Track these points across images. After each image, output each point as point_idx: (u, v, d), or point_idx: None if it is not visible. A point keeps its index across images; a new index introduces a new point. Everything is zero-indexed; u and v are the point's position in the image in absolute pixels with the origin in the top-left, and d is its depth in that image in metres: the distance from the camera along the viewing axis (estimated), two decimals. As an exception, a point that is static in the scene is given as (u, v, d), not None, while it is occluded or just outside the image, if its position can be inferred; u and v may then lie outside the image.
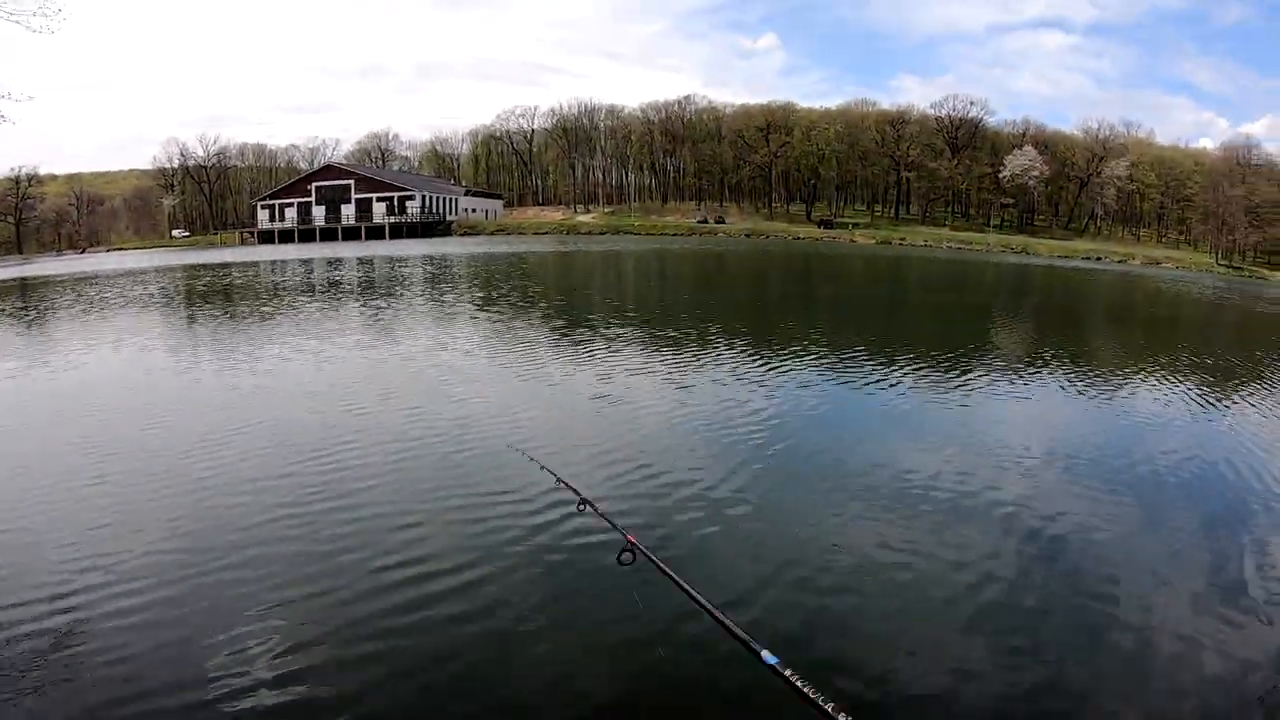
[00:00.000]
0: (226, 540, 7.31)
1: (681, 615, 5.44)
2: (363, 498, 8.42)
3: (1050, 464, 10.47)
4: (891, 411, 13.28)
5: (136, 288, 36.98)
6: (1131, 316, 35.10)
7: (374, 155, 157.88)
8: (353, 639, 5.73)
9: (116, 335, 20.85)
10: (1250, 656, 5.92)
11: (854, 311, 30.56)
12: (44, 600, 6.21)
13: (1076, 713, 5.25)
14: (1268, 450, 11.55)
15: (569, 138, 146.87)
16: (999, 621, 6.33)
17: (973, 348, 20.44)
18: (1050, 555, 7.59)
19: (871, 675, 5.40)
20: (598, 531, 6.63)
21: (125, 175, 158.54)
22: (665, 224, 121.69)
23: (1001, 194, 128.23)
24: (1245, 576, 7.20)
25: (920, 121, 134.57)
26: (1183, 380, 16.74)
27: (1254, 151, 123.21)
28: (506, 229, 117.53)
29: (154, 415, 12.17)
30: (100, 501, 8.32)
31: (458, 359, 16.85)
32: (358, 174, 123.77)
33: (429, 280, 38.68)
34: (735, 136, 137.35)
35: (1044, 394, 14.99)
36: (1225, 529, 8.39)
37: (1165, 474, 10.21)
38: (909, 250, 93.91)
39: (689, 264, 56.86)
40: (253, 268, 50.94)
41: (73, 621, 5.91)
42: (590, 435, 10.88)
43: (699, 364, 16.22)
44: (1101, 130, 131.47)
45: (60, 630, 5.79)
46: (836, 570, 6.82)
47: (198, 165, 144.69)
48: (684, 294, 35.93)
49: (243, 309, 27.74)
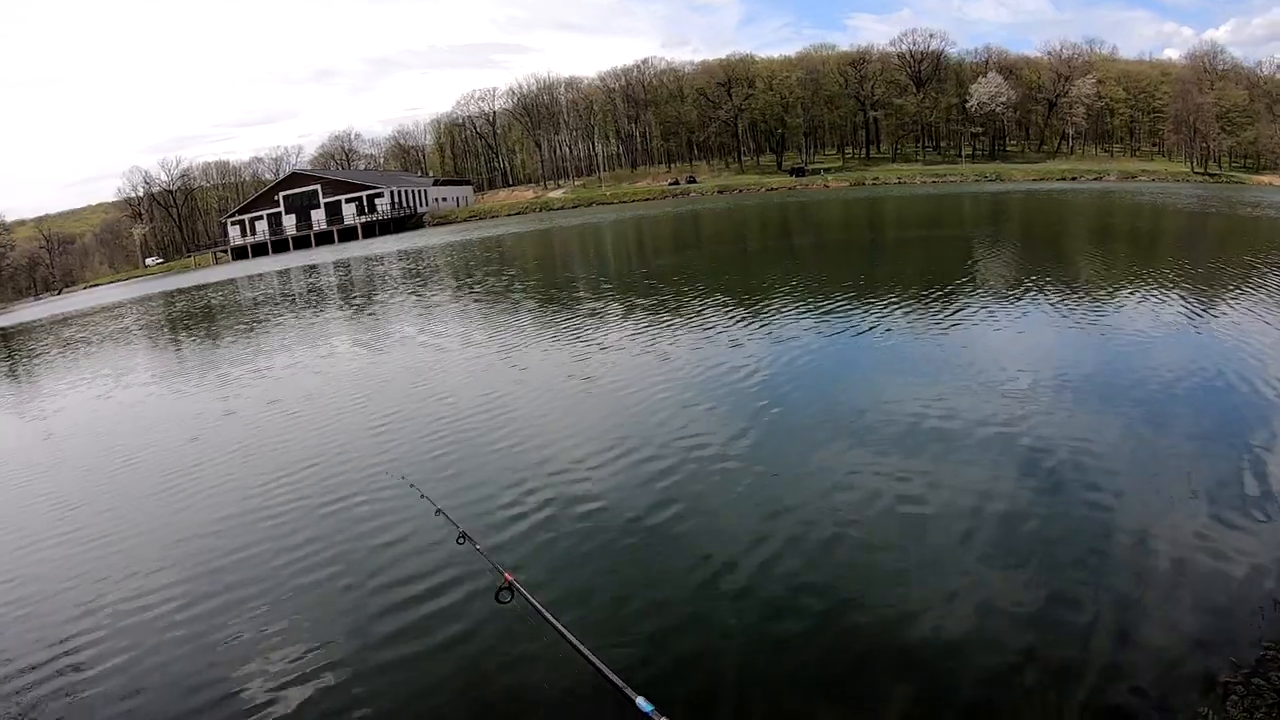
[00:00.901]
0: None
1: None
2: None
3: (1044, 389, 10.46)
4: (878, 356, 12.92)
5: (110, 323, 36.66)
6: (1113, 234, 34.62)
7: (338, 157, 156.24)
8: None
9: (92, 375, 20.80)
10: (1255, 560, 6.02)
11: (831, 261, 29.91)
12: (43, 645, 6.41)
13: (1089, 632, 5.31)
14: (1259, 356, 11.53)
15: (531, 115, 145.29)
16: (1002, 552, 6.40)
17: (957, 282, 19.85)
18: (1050, 479, 7.64)
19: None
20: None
21: (93, 210, 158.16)
22: (637, 191, 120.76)
23: (971, 123, 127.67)
24: (1245, 482, 7.29)
25: (882, 60, 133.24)
26: (1170, 293, 16.57)
27: (1220, 57, 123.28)
28: (479, 214, 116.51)
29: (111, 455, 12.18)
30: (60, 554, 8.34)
31: (414, 361, 16.49)
32: (324, 178, 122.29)
33: (402, 278, 38.50)
34: (698, 95, 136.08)
35: (1033, 320, 14.74)
36: (1223, 437, 8.47)
37: (1159, 388, 10.27)
38: (884, 190, 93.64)
39: (665, 227, 56.24)
40: (227, 287, 50.81)
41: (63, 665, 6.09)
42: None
43: (657, 351, 15.68)
44: (1065, 50, 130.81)
45: (53, 675, 5.98)
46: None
47: (163, 190, 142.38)
48: (659, 261, 35.16)
49: (210, 333, 28.07)
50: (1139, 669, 4.93)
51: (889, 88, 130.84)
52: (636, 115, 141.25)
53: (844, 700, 4.97)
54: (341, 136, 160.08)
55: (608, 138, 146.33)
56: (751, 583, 6.24)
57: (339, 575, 6.97)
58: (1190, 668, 4.91)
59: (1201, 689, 4.72)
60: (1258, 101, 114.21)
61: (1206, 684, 4.75)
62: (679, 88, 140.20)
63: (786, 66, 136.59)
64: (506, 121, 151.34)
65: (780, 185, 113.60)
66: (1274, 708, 4.51)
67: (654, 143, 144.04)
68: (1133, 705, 4.68)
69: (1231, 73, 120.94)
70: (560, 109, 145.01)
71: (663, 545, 6.98)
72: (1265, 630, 5.16)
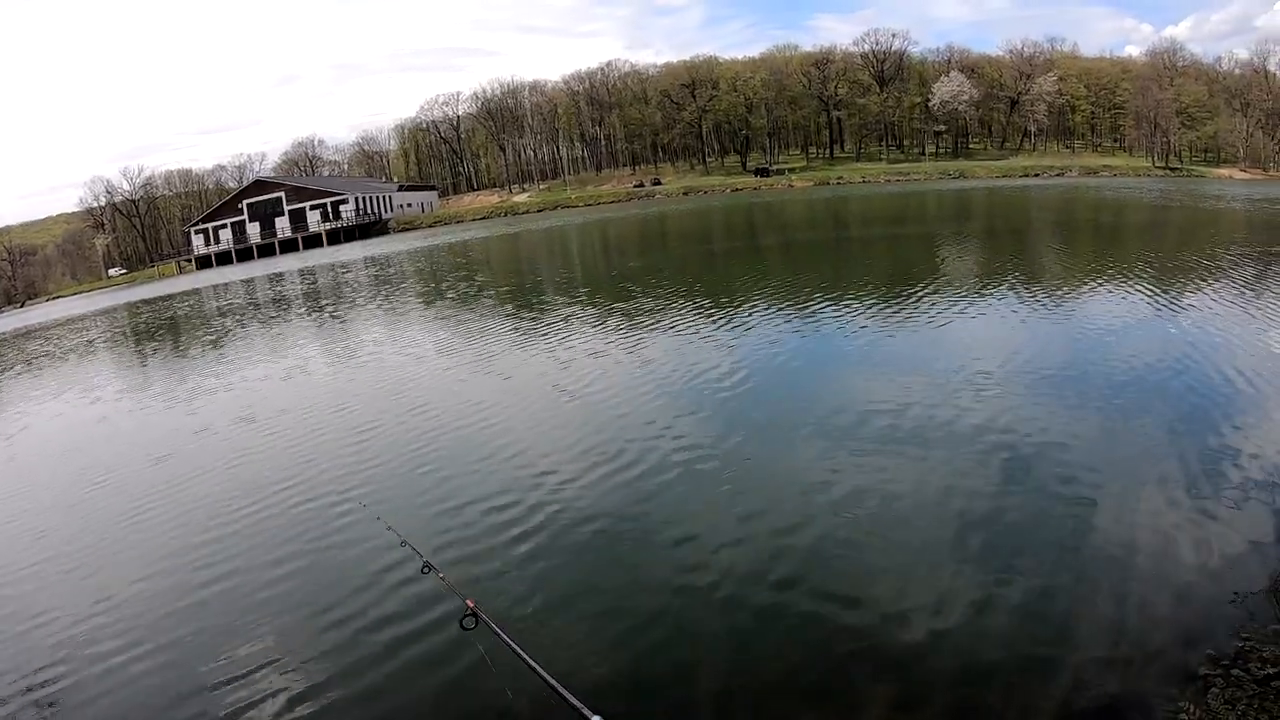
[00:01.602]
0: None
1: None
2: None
3: (1015, 384, 10.49)
4: (848, 355, 12.91)
5: (74, 336, 36.14)
6: (1078, 228, 34.98)
7: (302, 164, 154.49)
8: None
9: (56, 391, 20.50)
10: (1230, 551, 6.02)
11: (799, 260, 29.98)
12: (14, 676, 6.29)
13: (1067, 627, 5.31)
14: (1227, 344, 11.68)
15: (495, 119, 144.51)
16: (976, 547, 6.41)
17: (925, 279, 19.92)
18: (1024, 474, 7.63)
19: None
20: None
21: (55, 221, 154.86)
22: (602, 193, 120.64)
23: (934, 122, 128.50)
24: (1219, 473, 7.29)
25: (845, 60, 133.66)
26: (1136, 285, 16.74)
27: (1180, 53, 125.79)
28: (444, 220, 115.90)
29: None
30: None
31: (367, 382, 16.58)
32: (288, 185, 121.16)
33: (371, 286, 38.32)
34: (662, 97, 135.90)
35: (1001, 316, 14.79)
36: (1195, 428, 8.51)
37: (1130, 380, 10.33)
38: (848, 189, 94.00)
39: (632, 229, 56.22)
40: (191, 298, 50.32)
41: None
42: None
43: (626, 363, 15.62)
44: (1026, 49, 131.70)
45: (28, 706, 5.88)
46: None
47: (126, 200, 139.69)
48: (627, 264, 35.13)
49: (177, 346, 28.05)
50: (1118, 664, 4.89)
51: (852, 87, 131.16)
52: (601, 118, 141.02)
53: (821, 705, 4.89)
54: (305, 143, 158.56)
55: (572, 141, 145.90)
56: (725, 589, 6.17)
57: (305, 605, 6.81)
58: (1169, 661, 4.88)
59: (1181, 682, 4.69)
60: (1217, 96, 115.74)
61: (1186, 677, 4.72)
62: (643, 90, 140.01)
63: (750, 67, 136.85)
64: (471, 126, 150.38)
65: (745, 186, 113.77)
66: (1254, 699, 4.47)
67: (618, 145, 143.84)
68: (1113, 700, 4.64)
69: (1191, 68, 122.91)
70: (524, 112, 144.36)
71: (634, 553, 6.90)
72: (1243, 621, 5.14)
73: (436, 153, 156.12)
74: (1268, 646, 4.86)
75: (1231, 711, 4.40)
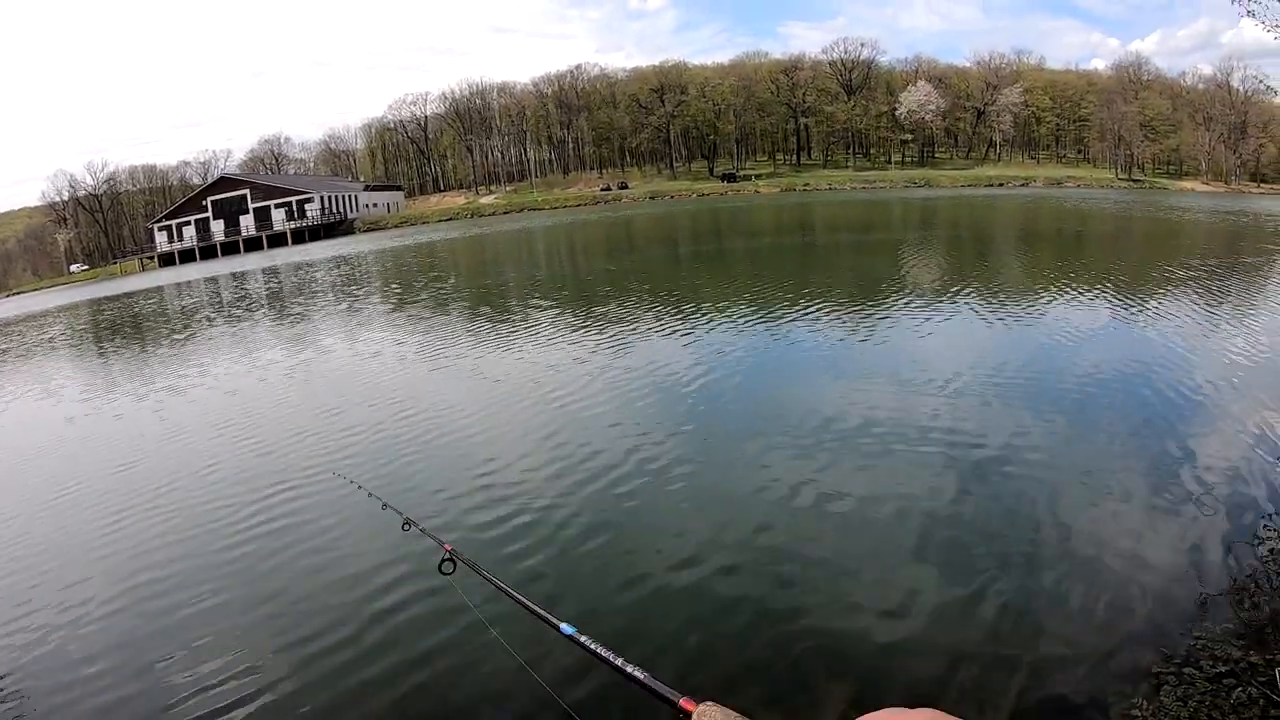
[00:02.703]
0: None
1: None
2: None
3: (975, 389, 10.54)
4: (813, 360, 12.96)
5: (35, 333, 35.41)
6: (1041, 237, 35.37)
7: (267, 162, 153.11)
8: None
9: (19, 392, 19.75)
10: (1183, 553, 6.11)
11: (765, 265, 29.93)
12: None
13: (1021, 628, 5.33)
14: (1184, 352, 11.91)
15: (463, 120, 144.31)
16: (934, 551, 6.39)
17: (889, 286, 20.07)
18: (981, 478, 7.66)
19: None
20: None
21: (15, 215, 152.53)
22: (569, 196, 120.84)
23: (900, 131, 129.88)
24: (1173, 477, 7.39)
25: (813, 68, 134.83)
26: (1097, 294, 17.01)
27: (1144, 68, 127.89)
28: (410, 220, 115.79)
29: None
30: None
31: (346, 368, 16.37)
32: (253, 182, 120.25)
33: (338, 286, 37.91)
34: (631, 101, 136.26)
35: (965, 323, 14.89)
36: (1151, 433, 8.64)
37: (1088, 386, 10.43)
38: (815, 196, 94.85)
39: (598, 232, 56.19)
40: (154, 295, 49.62)
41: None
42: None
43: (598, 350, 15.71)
44: (993, 60, 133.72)
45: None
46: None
47: (89, 195, 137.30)
48: (594, 267, 35.14)
49: (143, 345, 27.70)
50: (1072, 663, 4.91)
51: (820, 95, 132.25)
52: (569, 121, 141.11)
53: (780, 701, 4.87)
54: (271, 140, 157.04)
55: (540, 143, 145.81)
56: (688, 585, 6.16)
57: (302, 570, 7.05)
58: (1123, 660, 4.92)
59: (1134, 680, 4.72)
60: (1180, 110, 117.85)
61: (1139, 675, 4.76)
62: (612, 94, 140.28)
63: (719, 74, 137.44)
64: (438, 126, 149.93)
65: (712, 191, 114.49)
66: (1205, 695, 4.51)
67: (586, 149, 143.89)
68: (1067, 699, 4.65)
69: (1156, 83, 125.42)
70: (493, 114, 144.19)
71: (598, 551, 6.87)
72: (1195, 621, 5.19)
73: (403, 153, 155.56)
74: (1220, 645, 4.90)
75: (1184, 708, 4.43)
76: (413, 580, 6.46)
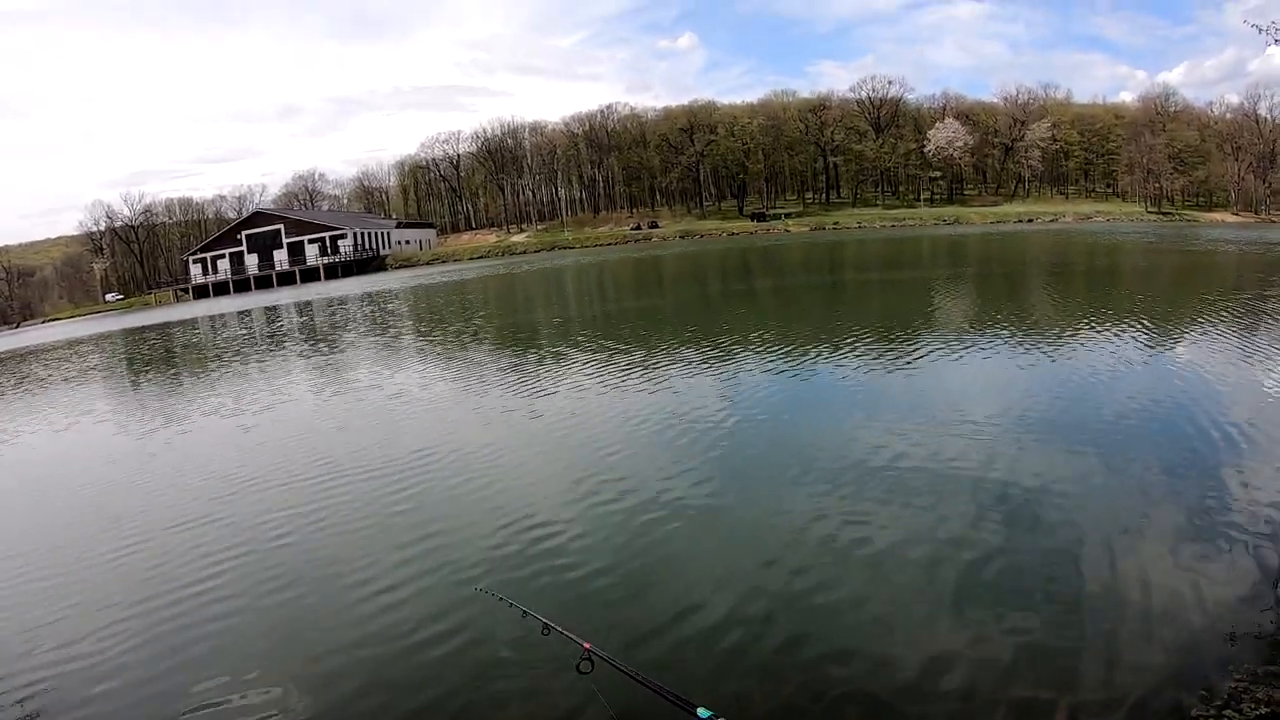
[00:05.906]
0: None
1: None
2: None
3: (1008, 428, 10.49)
4: (843, 398, 12.98)
5: (74, 360, 35.89)
6: (1071, 272, 35.14)
7: (301, 197, 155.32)
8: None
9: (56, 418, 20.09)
10: (1221, 592, 6.06)
11: (795, 304, 30.06)
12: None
13: (1058, 670, 5.30)
14: (1219, 387, 11.86)
15: (495, 159, 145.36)
16: (972, 592, 6.36)
17: (920, 323, 20.10)
18: (1016, 518, 7.62)
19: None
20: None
21: (53, 243, 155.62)
22: (600, 235, 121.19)
23: (929, 168, 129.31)
24: (1209, 516, 7.34)
25: (842, 106, 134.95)
26: (1129, 329, 16.83)
27: (1172, 99, 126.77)
28: (441, 257, 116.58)
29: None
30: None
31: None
32: (287, 218, 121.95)
33: (375, 322, 37.82)
34: (660, 140, 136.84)
35: (996, 359, 14.90)
36: (1186, 471, 8.54)
37: (1121, 424, 10.34)
38: (844, 234, 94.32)
39: (629, 271, 56.44)
40: (190, 327, 49.75)
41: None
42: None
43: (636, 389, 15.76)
44: (1021, 95, 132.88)
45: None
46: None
47: (125, 225, 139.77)
48: (625, 305, 35.26)
49: (190, 372, 27.36)
50: (1111, 706, 4.91)
51: (848, 134, 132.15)
52: (600, 160, 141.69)
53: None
54: (305, 176, 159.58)
55: (570, 182, 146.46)
56: (716, 625, 6.20)
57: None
58: (1162, 702, 4.91)
59: (1175, 722, 4.68)
60: (1209, 141, 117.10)
61: (1180, 717, 4.75)
62: (642, 133, 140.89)
63: (748, 113, 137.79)
64: (470, 165, 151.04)
65: (741, 230, 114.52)
66: (1246, 739, 4.47)
67: (616, 187, 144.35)
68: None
69: (1183, 114, 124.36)
70: (524, 153, 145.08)
71: (625, 588, 6.94)
72: (1235, 662, 5.17)
73: (435, 190, 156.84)
74: (1260, 687, 4.88)
75: (1224, 751, 4.40)
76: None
